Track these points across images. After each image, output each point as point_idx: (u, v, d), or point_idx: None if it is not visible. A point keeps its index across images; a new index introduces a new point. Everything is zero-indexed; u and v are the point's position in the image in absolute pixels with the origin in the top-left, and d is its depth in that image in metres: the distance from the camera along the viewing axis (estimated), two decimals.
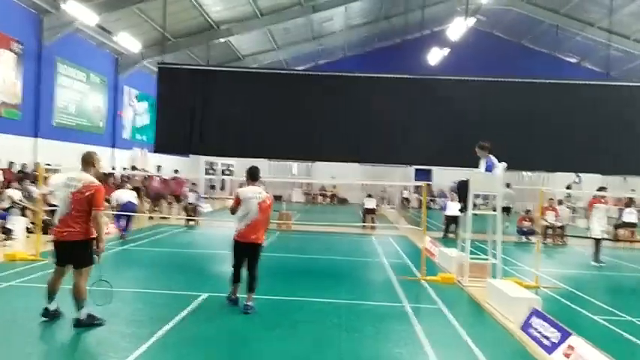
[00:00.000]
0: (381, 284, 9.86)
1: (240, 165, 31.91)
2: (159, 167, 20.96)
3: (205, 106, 17.75)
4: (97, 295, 6.25)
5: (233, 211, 7.42)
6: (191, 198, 19.41)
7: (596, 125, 15.97)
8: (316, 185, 37.74)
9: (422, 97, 16.82)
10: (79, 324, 6.07)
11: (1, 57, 17.05)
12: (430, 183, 11.28)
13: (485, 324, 7.42)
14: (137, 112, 28.42)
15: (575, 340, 5.69)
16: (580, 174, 19.57)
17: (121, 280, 8.40)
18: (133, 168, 24.67)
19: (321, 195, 37.51)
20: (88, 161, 6.35)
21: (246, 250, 7.30)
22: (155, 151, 17.77)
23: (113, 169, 21.94)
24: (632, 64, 32.21)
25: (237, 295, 7.41)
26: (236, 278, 7.39)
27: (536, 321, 6.62)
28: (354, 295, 8.63)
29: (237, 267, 7.39)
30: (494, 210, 10.03)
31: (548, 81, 16.35)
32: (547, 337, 6.14)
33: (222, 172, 36.59)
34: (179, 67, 19.35)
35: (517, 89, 16.62)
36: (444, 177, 31.38)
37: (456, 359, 5.82)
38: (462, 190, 9.99)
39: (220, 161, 37.35)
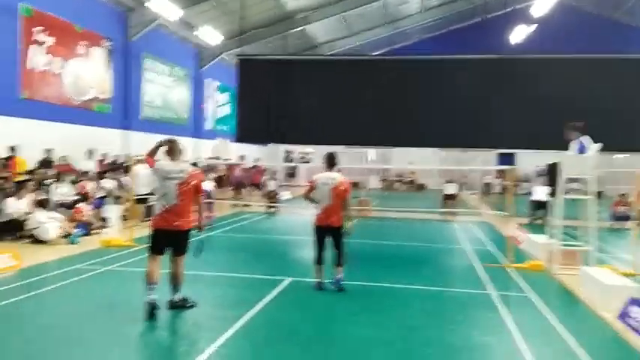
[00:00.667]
0: (465, 271, 9.63)
1: (318, 152, 32.14)
2: (242, 157, 21.54)
3: (283, 95, 18.02)
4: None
5: (306, 195, 7.67)
6: (271, 186, 19.79)
7: None
8: (393, 171, 37.34)
9: (505, 78, 16.17)
10: (173, 305, 6.33)
11: (92, 54, 18.09)
12: (514, 167, 10.79)
13: (578, 313, 7.07)
14: (218, 104, 29.30)
15: None
16: None
17: (206, 264, 8.66)
18: (216, 158, 25.50)
19: (398, 181, 37.10)
20: (177, 149, 6.45)
21: (324, 234, 7.50)
22: (236, 141, 18.29)
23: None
24: None
25: (322, 280, 7.51)
26: (317, 260, 7.56)
27: (634, 310, 6.22)
28: (438, 282, 8.49)
29: (317, 249, 7.55)
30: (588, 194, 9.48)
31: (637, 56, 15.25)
32: None
33: (293, 160, 36.91)
34: (257, 57, 19.71)
35: (605, 66, 15.61)
36: (529, 161, 30.14)
37: (548, 348, 5.57)
38: (551, 173, 9.52)
39: (298, 149, 37.78)
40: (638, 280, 8.16)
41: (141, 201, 13.51)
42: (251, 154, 28.26)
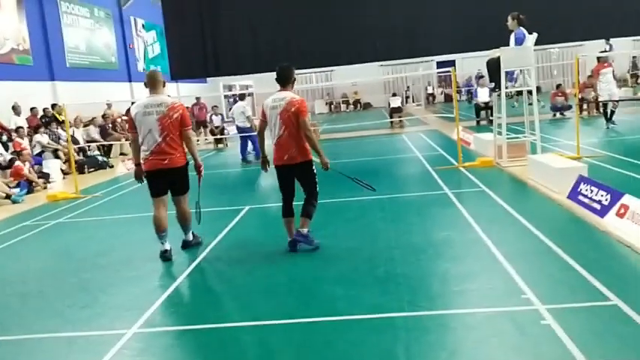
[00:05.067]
0: (420, 176, 9.79)
1: (257, 83, 31.45)
2: (198, 99, 20.39)
3: (215, 25, 17.25)
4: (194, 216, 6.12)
5: (261, 128, 5.79)
6: (216, 121, 19.34)
7: None
8: (337, 93, 37.10)
9: None
10: (187, 245, 6.12)
11: (1, 3, 16.63)
12: (449, 70, 10.52)
13: (531, 198, 7.34)
14: (147, 43, 27.87)
15: (627, 199, 5.55)
16: (611, 41, 18.58)
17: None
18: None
19: (343, 102, 36.95)
20: (157, 80, 5.76)
21: (286, 174, 5.68)
22: (171, 79, 17.47)
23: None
24: None
25: (294, 238, 5.71)
26: (284, 211, 5.75)
27: (584, 187, 6.48)
28: (394, 189, 8.61)
29: (283, 197, 5.76)
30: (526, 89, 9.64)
31: None
32: (597, 201, 6.02)
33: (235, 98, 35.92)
34: None
35: None
36: (469, 66, 30.47)
37: (506, 233, 5.77)
38: (492, 68, 9.58)
39: (238, 83, 36.82)
40: (582, 162, 8.49)
41: None
42: (188, 92, 27.33)
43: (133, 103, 18.75)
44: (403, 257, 5.25)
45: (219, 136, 18.63)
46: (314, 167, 5.74)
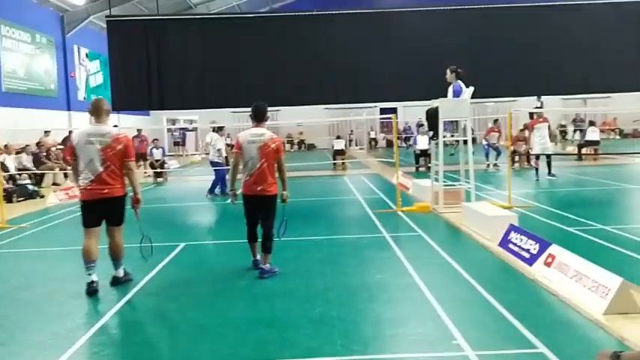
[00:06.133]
0: (359, 218, 9.89)
1: (202, 119, 31.29)
2: (139, 130, 19.88)
3: (161, 59, 17.17)
4: (143, 250, 6.00)
5: (236, 160, 6.27)
6: (156, 155, 18.98)
7: (561, 48, 16.21)
8: (283, 133, 37.33)
9: (384, 32, 16.65)
10: (117, 282, 5.85)
11: None
12: (390, 117, 10.91)
13: (464, 244, 7.53)
14: (90, 72, 27.28)
15: (554, 248, 5.79)
16: (542, 98, 19.81)
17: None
18: None
19: (288, 142, 37.18)
20: (102, 109, 5.70)
21: (254, 204, 6.20)
22: (113, 110, 17.09)
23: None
24: None
25: (257, 258, 6.39)
26: (250, 236, 6.37)
27: (514, 236, 6.72)
28: (333, 231, 8.65)
29: (248, 224, 6.32)
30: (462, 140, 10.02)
31: (510, 5, 16.37)
32: (527, 250, 6.25)
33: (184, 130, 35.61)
34: (129, 18, 18.55)
35: (480, 16, 16.58)
36: (409, 114, 31.45)
37: (440, 278, 5.88)
38: (431, 118, 9.93)
39: (182, 117, 36.48)
40: (514, 212, 8.83)
41: None
42: (131, 124, 26.80)
43: (70, 132, 18.24)
44: (338, 299, 5.24)
45: (158, 170, 18.26)
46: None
